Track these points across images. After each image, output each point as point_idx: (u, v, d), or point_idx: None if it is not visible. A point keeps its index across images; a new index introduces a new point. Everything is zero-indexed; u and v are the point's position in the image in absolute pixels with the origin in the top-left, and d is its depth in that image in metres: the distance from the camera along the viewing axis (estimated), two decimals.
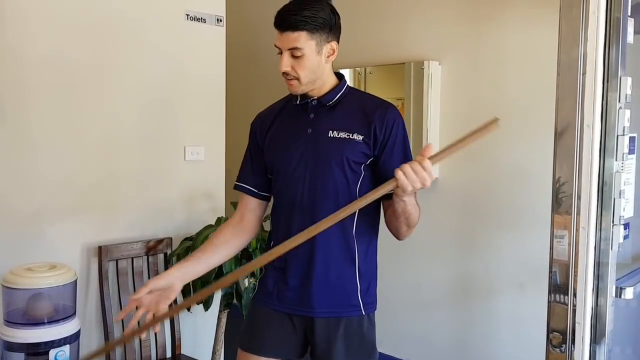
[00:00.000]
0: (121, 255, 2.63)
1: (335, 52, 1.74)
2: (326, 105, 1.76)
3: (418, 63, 3.29)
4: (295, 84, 1.71)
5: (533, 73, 2.95)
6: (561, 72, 1.59)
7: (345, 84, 1.81)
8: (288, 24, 1.64)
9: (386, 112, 1.75)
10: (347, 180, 1.73)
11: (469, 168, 3.27)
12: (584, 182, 1.58)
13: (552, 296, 1.77)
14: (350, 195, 1.73)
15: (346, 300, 1.75)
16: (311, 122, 1.76)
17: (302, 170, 1.74)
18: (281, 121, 1.83)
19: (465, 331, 3.33)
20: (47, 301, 2.10)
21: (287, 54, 1.67)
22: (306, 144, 1.74)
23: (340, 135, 1.72)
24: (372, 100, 1.82)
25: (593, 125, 1.55)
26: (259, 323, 1.83)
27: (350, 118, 1.74)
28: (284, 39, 1.66)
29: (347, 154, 1.71)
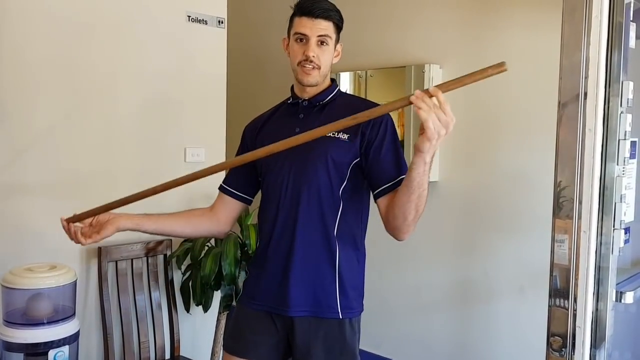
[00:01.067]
0: (121, 257, 2.63)
1: (340, 54, 1.81)
2: (316, 106, 1.79)
3: (419, 66, 3.29)
4: (315, 73, 1.74)
5: (534, 77, 2.96)
6: (563, 76, 1.59)
7: (336, 86, 1.84)
8: (321, 11, 1.70)
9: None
10: (331, 181, 1.72)
11: (469, 171, 3.27)
12: (586, 186, 1.58)
13: (553, 300, 1.77)
14: (333, 197, 1.73)
15: (323, 299, 1.73)
16: (300, 121, 1.78)
17: (287, 169, 1.75)
18: (271, 123, 1.87)
19: (465, 334, 3.32)
20: (46, 301, 2.10)
21: (314, 40, 1.71)
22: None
23: (327, 135, 1.71)
24: (361, 102, 1.84)
25: (595, 129, 1.56)
26: (242, 325, 1.83)
27: (339, 118, 1.70)
28: (314, 25, 1.70)
29: (331, 154, 1.71)
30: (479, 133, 3.22)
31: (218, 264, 2.62)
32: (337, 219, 1.74)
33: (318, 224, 1.73)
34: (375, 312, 3.66)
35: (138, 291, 2.66)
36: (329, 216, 1.74)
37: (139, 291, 2.66)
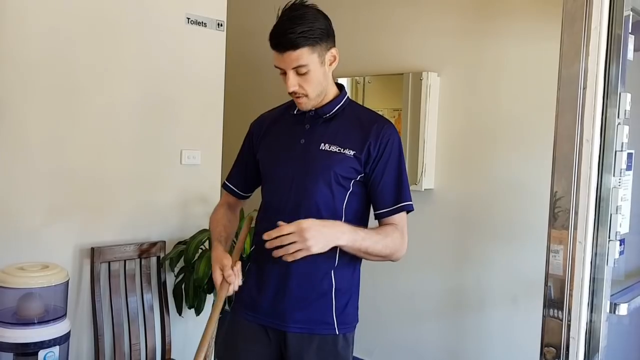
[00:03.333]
0: (114, 258, 2.61)
1: (336, 58, 1.71)
2: (323, 117, 1.73)
3: (417, 74, 3.29)
4: (304, 100, 1.68)
5: (531, 87, 2.96)
6: (562, 87, 1.59)
7: (345, 95, 1.78)
8: (287, 44, 1.59)
9: (382, 129, 1.71)
10: (333, 195, 1.70)
11: (464, 180, 3.27)
12: (582, 196, 1.58)
13: (547, 310, 1.76)
14: (335, 210, 1.70)
15: (320, 317, 1.71)
16: (306, 132, 1.73)
17: (289, 180, 1.71)
18: (278, 128, 1.81)
19: (457, 343, 3.32)
20: (38, 301, 2.08)
21: (291, 72, 1.63)
22: (297, 155, 1.72)
23: (332, 149, 1.69)
24: (369, 115, 1.79)
25: (592, 140, 1.56)
26: (235, 334, 1.80)
27: (345, 132, 1.71)
28: (285, 59, 1.61)
29: (335, 169, 1.68)
30: (475, 142, 3.22)
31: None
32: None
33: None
34: (368, 319, 3.64)
35: (130, 293, 2.64)
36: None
37: (131, 293, 2.64)
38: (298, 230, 1.54)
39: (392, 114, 3.49)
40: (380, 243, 1.67)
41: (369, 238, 1.66)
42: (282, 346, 1.74)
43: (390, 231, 1.71)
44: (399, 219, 1.74)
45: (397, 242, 1.72)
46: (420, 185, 3.31)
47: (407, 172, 1.76)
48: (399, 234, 1.73)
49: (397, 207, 1.71)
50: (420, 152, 3.31)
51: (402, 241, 1.74)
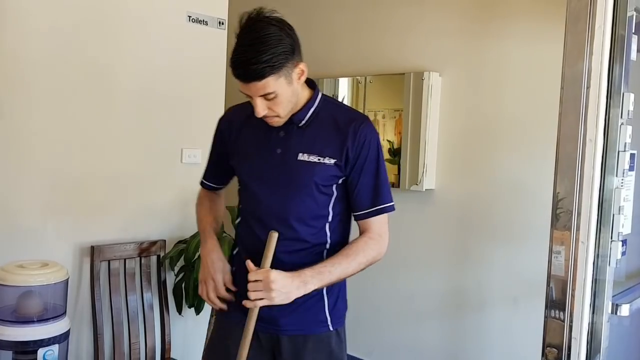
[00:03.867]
0: (114, 256, 2.60)
1: (304, 71, 1.60)
2: (298, 125, 1.66)
3: (418, 74, 3.29)
4: (276, 120, 1.62)
5: (533, 88, 2.96)
6: (565, 86, 1.58)
7: (317, 94, 1.69)
8: (251, 76, 1.50)
9: (359, 129, 1.65)
10: (317, 203, 1.67)
11: (466, 180, 3.27)
12: (585, 196, 1.57)
13: (549, 311, 1.76)
14: (321, 216, 1.68)
15: (313, 317, 1.70)
16: (281, 140, 1.67)
17: (270, 192, 1.67)
18: (250, 130, 1.71)
19: (457, 344, 3.31)
20: (37, 299, 2.07)
21: (259, 99, 1.55)
22: (275, 166, 1.67)
23: (311, 159, 1.64)
24: (345, 114, 1.71)
25: (596, 139, 1.55)
26: (224, 338, 1.77)
27: (323, 138, 1.66)
28: (250, 88, 1.53)
29: (316, 179, 1.64)
30: (476, 142, 3.22)
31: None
32: (328, 236, 1.70)
33: (308, 246, 1.68)
34: (367, 319, 3.64)
35: (130, 291, 2.63)
36: (319, 236, 1.69)
37: (131, 292, 2.64)
38: (265, 280, 1.54)
39: (393, 115, 3.48)
40: (352, 264, 1.65)
41: (338, 267, 1.62)
42: (276, 349, 1.72)
43: (362, 247, 1.67)
44: (375, 221, 1.70)
45: (372, 252, 1.68)
46: (422, 185, 3.31)
47: (386, 171, 1.71)
48: (373, 243, 1.69)
49: (375, 209, 1.68)
50: (422, 152, 3.30)
51: (379, 246, 1.70)
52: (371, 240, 1.69)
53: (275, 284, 1.53)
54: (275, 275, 1.54)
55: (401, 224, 3.43)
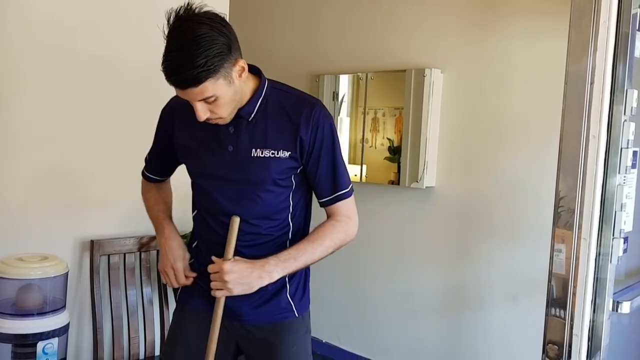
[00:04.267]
0: (113, 251, 2.60)
1: (245, 68, 1.52)
2: (247, 119, 1.59)
3: (420, 70, 3.28)
4: (221, 121, 1.54)
5: (536, 86, 2.95)
6: (569, 82, 1.58)
7: (264, 85, 1.61)
8: (186, 82, 1.40)
9: (310, 116, 1.59)
10: (277, 197, 1.64)
11: (466, 177, 3.26)
12: (588, 193, 1.57)
13: (549, 308, 1.76)
14: (284, 207, 1.66)
15: (276, 304, 1.67)
16: (231, 137, 1.59)
17: (226, 192, 1.62)
18: (197, 124, 1.57)
19: (456, 341, 3.31)
20: (37, 292, 2.07)
21: (199, 103, 1.46)
22: (228, 165, 1.60)
23: (265, 154, 1.58)
24: (294, 101, 1.63)
25: (599, 136, 1.55)
26: (186, 329, 1.72)
27: (274, 130, 1.59)
28: (187, 94, 1.44)
29: (272, 175, 1.60)
30: (477, 140, 3.21)
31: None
32: (290, 225, 1.68)
33: (270, 238, 1.66)
34: (366, 317, 3.64)
35: (130, 286, 2.63)
36: (281, 227, 1.67)
37: (130, 286, 2.63)
38: (220, 271, 1.52)
39: (393, 113, 3.48)
40: (318, 250, 1.62)
41: (304, 254, 1.60)
42: (241, 342, 1.70)
43: (328, 231, 1.65)
44: (341, 206, 1.67)
45: (339, 236, 1.66)
46: (422, 183, 3.30)
47: (342, 154, 1.67)
48: (340, 225, 1.66)
49: (335, 196, 1.66)
50: (422, 149, 3.29)
51: (347, 228, 1.67)
52: (338, 223, 1.66)
53: (229, 275, 1.51)
54: (229, 266, 1.52)
55: (401, 221, 3.43)
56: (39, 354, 2.00)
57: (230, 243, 1.56)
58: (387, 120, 3.52)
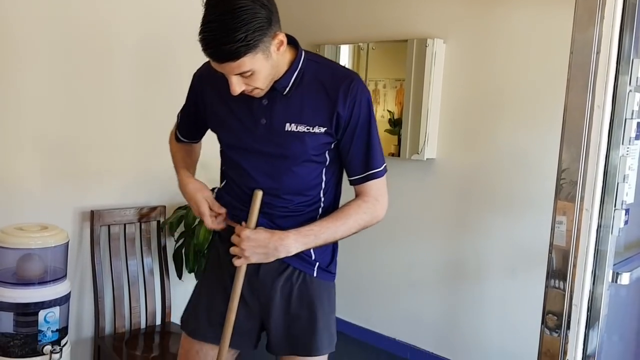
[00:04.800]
0: (114, 221, 2.60)
1: (284, 41, 1.45)
2: (282, 92, 1.54)
3: (422, 40, 3.24)
4: (256, 92, 1.50)
5: (540, 57, 2.92)
6: (574, 51, 1.55)
7: (300, 57, 1.55)
8: (224, 56, 1.36)
9: (348, 91, 1.54)
10: (311, 173, 1.61)
11: (467, 149, 3.25)
12: (591, 164, 1.56)
13: (550, 279, 1.76)
14: (317, 183, 1.63)
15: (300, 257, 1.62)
16: (265, 109, 1.54)
17: (258, 166, 1.58)
18: (228, 94, 1.50)
19: (455, 312, 3.33)
20: (37, 262, 2.07)
21: (234, 77, 1.42)
22: (261, 138, 1.56)
23: (300, 129, 1.53)
24: (332, 74, 1.57)
25: (604, 106, 1.53)
26: (206, 300, 1.70)
27: (310, 105, 1.54)
28: (224, 67, 1.40)
29: (308, 150, 1.56)
30: (479, 111, 3.19)
31: (212, 231, 2.60)
32: (322, 201, 1.66)
33: (301, 212, 1.63)
34: (365, 288, 3.66)
35: (130, 256, 2.64)
36: (313, 202, 1.65)
37: (131, 256, 2.64)
38: (239, 239, 1.53)
39: (394, 84, 3.45)
40: (341, 228, 1.59)
41: (326, 231, 1.58)
42: (262, 308, 1.67)
43: (354, 210, 1.61)
44: (372, 186, 1.63)
45: (365, 217, 1.62)
46: (423, 154, 3.29)
47: (377, 131, 1.63)
48: (367, 207, 1.62)
49: (367, 174, 1.62)
50: (423, 121, 3.27)
51: (373, 209, 1.63)
52: (365, 203, 1.62)
53: (246, 243, 1.51)
54: (247, 233, 1.52)
55: (401, 193, 3.43)
56: (40, 322, 2.01)
57: (253, 214, 1.56)
58: (387, 92, 3.49)
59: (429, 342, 3.43)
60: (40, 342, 2.02)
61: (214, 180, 2.98)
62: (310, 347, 1.66)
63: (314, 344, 1.65)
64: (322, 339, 1.67)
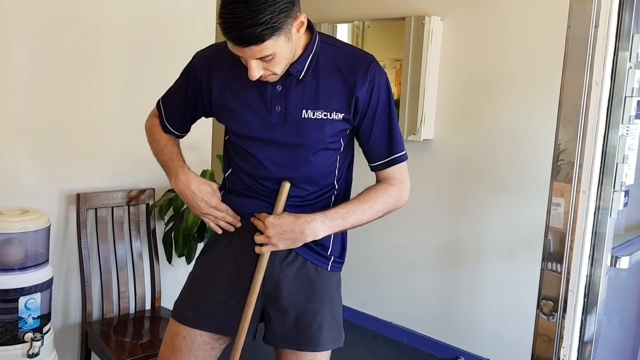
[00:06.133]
0: (101, 204, 2.54)
1: (304, 23, 1.40)
2: (297, 77, 1.47)
3: (419, 17, 3.15)
4: (272, 78, 1.43)
5: (539, 36, 2.84)
6: (572, 25, 1.48)
7: (315, 39, 1.48)
8: (248, 40, 1.29)
9: (368, 71, 1.49)
10: (327, 161, 1.56)
11: (465, 130, 3.18)
12: (589, 143, 1.49)
13: (545, 263, 1.71)
14: (331, 170, 1.58)
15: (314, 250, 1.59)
16: (279, 96, 1.48)
17: (272, 155, 1.52)
18: (239, 81, 1.48)
19: (452, 295, 3.29)
20: (17, 247, 2.01)
21: (254, 62, 1.36)
22: (276, 127, 1.49)
23: (317, 116, 1.48)
24: (349, 57, 1.52)
25: (602, 83, 1.46)
26: (200, 286, 1.64)
27: (326, 90, 1.48)
28: (245, 52, 1.33)
29: (325, 138, 1.50)
30: (477, 91, 3.11)
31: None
32: (335, 188, 1.61)
33: (312, 201, 1.58)
34: (362, 271, 3.62)
35: (118, 240, 2.58)
36: (327, 190, 1.60)
37: (119, 240, 2.58)
38: (264, 226, 1.48)
39: (394, 65, 3.36)
40: (368, 212, 1.56)
41: (353, 214, 1.53)
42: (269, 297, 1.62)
43: (380, 194, 1.58)
44: (396, 170, 1.60)
45: (391, 200, 1.59)
46: (419, 135, 3.22)
47: (396, 114, 1.59)
48: (392, 190, 1.59)
49: (391, 159, 1.58)
50: (420, 100, 3.20)
51: (399, 193, 1.61)
52: (390, 187, 1.59)
53: (271, 230, 1.46)
54: (272, 219, 1.47)
55: None
56: (21, 309, 1.96)
57: (279, 205, 1.51)
58: (387, 73, 3.40)
59: (426, 326, 3.39)
60: (20, 329, 1.97)
61: (205, 162, 2.93)
62: (315, 342, 1.61)
63: (320, 339, 1.61)
64: (328, 334, 1.63)
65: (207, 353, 1.62)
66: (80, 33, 2.45)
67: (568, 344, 1.68)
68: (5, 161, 2.32)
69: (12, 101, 2.31)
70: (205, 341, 1.62)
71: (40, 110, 2.38)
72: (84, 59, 2.49)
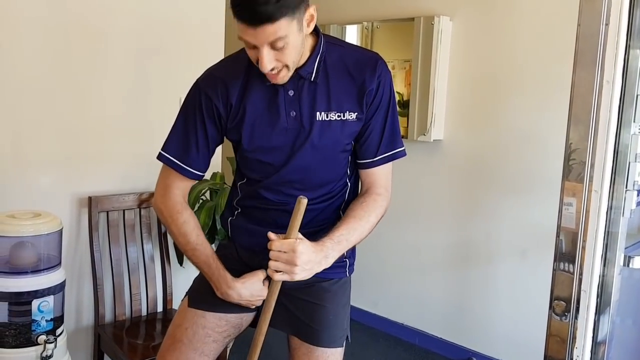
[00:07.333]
0: (112, 207, 2.55)
1: (314, 16, 1.38)
2: (307, 79, 1.47)
3: (428, 18, 3.14)
4: (283, 74, 1.40)
5: (549, 34, 2.82)
6: (582, 23, 1.47)
7: (321, 41, 1.48)
8: (262, 17, 1.26)
9: (376, 69, 1.49)
10: (342, 164, 1.56)
11: (475, 130, 3.16)
12: (600, 142, 1.48)
13: (558, 264, 1.70)
14: (344, 173, 1.59)
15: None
16: (292, 101, 1.46)
17: (288, 162, 1.50)
18: (253, 93, 1.47)
19: (463, 296, 3.27)
20: (30, 250, 2.03)
21: (266, 48, 1.32)
22: (291, 133, 1.48)
23: (331, 117, 1.47)
24: (356, 56, 1.52)
25: (613, 81, 1.45)
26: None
27: (338, 91, 1.48)
28: (259, 34, 1.29)
29: (342, 139, 1.50)
30: (487, 91, 3.10)
31: (212, 217, 2.55)
32: (347, 193, 1.61)
33: (326, 204, 1.57)
34: (373, 272, 3.61)
35: (130, 243, 2.59)
36: (340, 194, 1.60)
37: (131, 243, 2.59)
38: (290, 253, 1.37)
39: (403, 65, 3.36)
40: (366, 226, 1.54)
41: (354, 232, 1.51)
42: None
43: (371, 206, 1.55)
44: (383, 173, 1.58)
45: (381, 210, 1.57)
46: (429, 136, 3.21)
47: (406, 117, 1.62)
48: (381, 199, 1.57)
49: (392, 153, 1.57)
50: (430, 101, 3.19)
51: (387, 202, 1.59)
52: (379, 197, 1.57)
53: (300, 259, 1.37)
54: (302, 248, 1.37)
55: (408, 175, 3.35)
56: (34, 312, 1.97)
57: (295, 225, 1.39)
58: (396, 74, 3.40)
59: (437, 327, 3.38)
60: (34, 331, 1.98)
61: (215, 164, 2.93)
62: (312, 337, 1.61)
63: (320, 334, 1.60)
64: (331, 332, 1.62)
65: (208, 346, 1.62)
66: (91, 38, 2.47)
67: (581, 344, 1.67)
68: (17, 165, 2.34)
69: (23, 105, 2.33)
70: (207, 334, 1.62)
71: (51, 114, 2.40)
72: (95, 64, 2.50)
